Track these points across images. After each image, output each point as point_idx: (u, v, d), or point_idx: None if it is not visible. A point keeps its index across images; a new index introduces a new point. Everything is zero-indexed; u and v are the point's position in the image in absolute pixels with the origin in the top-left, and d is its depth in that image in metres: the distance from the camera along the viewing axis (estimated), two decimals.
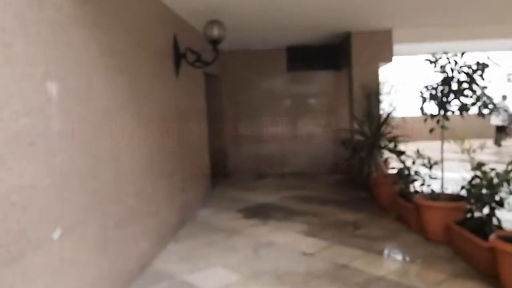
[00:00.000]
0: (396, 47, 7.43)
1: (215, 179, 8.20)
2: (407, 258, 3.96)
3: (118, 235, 3.32)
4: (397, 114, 6.75)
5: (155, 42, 4.54)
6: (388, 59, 7.41)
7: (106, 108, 3.23)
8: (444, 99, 3.86)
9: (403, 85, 7.10)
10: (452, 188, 4.48)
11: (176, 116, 5.23)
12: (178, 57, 5.26)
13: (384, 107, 6.85)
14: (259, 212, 5.80)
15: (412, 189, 4.90)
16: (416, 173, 4.77)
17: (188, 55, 5.30)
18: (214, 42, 5.14)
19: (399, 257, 4.07)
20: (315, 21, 6.49)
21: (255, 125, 9.16)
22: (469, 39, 6.66)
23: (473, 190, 3.66)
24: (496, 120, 12.22)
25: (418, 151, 4.71)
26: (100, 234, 3.04)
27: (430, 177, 4.58)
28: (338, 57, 8.87)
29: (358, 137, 6.49)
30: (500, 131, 12.55)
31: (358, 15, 6.26)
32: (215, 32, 5.07)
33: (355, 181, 7.48)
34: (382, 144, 5.83)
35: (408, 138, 5.75)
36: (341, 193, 6.83)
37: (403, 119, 6.01)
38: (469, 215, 3.86)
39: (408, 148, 5.65)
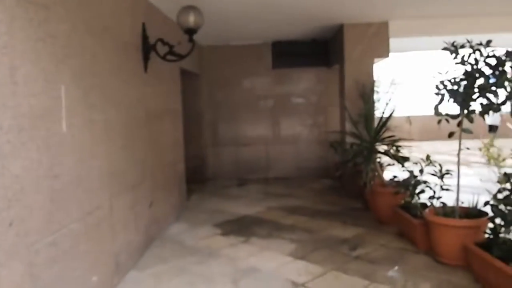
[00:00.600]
0: (393, 42, 6.78)
1: (191, 186, 7.45)
2: None
3: (52, 276, 2.54)
4: (399, 113, 6.06)
5: (117, 30, 3.77)
6: (384, 54, 6.75)
7: (40, 111, 2.45)
8: (468, 96, 3.17)
9: (403, 82, 6.44)
10: (467, 199, 3.83)
11: (145, 118, 4.46)
12: (147, 49, 4.48)
13: (381, 107, 6.18)
14: (239, 227, 5.05)
15: (417, 200, 4.21)
16: (425, 183, 4.08)
17: (159, 47, 4.53)
18: (190, 31, 4.38)
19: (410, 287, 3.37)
20: (304, 12, 5.79)
21: (236, 128, 8.42)
22: (476, 32, 6.05)
23: (500, 206, 2.99)
24: (490, 119, 11.79)
25: (428, 157, 4.03)
26: (25, 279, 2.26)
27: (442, 188, 3.90)
28: (328, 53, 8.19)
29: (352, 140, 5.81)
30: (492, 130, 12.20)
31: (351, 5, 5.58)
32: (191, 19, 4.31)
33: (347, 188, 6.81)
34: (382, 148, 5.14)
35: (412, 140, 5.07)
36: (332, 203, 6.13)
37: (408, 119, 5.30)
38: (491, 235, 3.20)
39: (412, 151, 4.99)
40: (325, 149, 8.26)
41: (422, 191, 4.15)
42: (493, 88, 3.03)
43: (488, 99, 3.12)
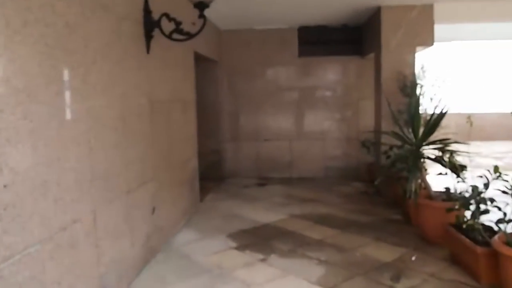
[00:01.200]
0: (438, 30, 5.88)
1: (207, 184, 6.75)
2: None
3: None
4: (454, 110, 5.18)
5: (112, 1, 3.05)
6: (428, 41, 5.87)
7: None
8: None
9: (453, 75, 5.53)
10: None
11: (147, 109, 3.76)
12: (150, 25, 3.75)
13: (426, 103, 5.32)
14: (257, 240, 4.31)
15: (478, 221, 3.37)
16: (492, 201, 3.23)
17: (164, 24, 3.79)
18: (201, 5, 3.66)
19: None
20: None
21: (257, 121, 7.65)
22: None
23: None
24: None
25: (496, 169, 3.17)
26: None
27: None
28: (362, 41, 7.32)
29: (391, 141, 4.98)
30: None
31: None
32: None
33: (382, 194, 5.98)
34: (430, 153, 4.29)
35: (471, 143, 4.19)
36: (365, 212, 5.31)
37: (468, 117, 4.42)
38: None
39: (472, 156, 4.12)
40: (356, 148, 7.43)
41: (486, 211, 3.29)
42: None
43: None
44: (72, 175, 2.47)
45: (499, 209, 3.18)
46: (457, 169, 3.84)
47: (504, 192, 3.11)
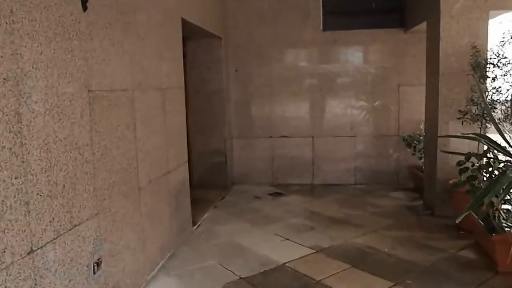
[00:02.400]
0: None
1: (207, 195, 5.33)
2: None
3: None
4: None
5: None
6: (506, 3, 4.22)
7: None
8: None
9: None
10: None
11: (81, 104, 2.28)
12: None
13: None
14: None
15: None
16: None
17: None
18: None
19: None
20: None
21: (272, 113, 6.12)
22: None
23: None
24: None
25: None
26: None
27: None
28: (404, 8, 5.69)
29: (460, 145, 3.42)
30: None
31: None
32: None
33: (439, 212, 4.43)
34: None
35: None
36: (420, 243, 3.76)
37: None
38: None
39: None
40: (395, 147, 5.85)
41: None
42: None
43: None
44: None
45: None
46: None
47: None
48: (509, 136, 2.96)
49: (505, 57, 3.80)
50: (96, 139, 2.41)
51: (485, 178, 3.43)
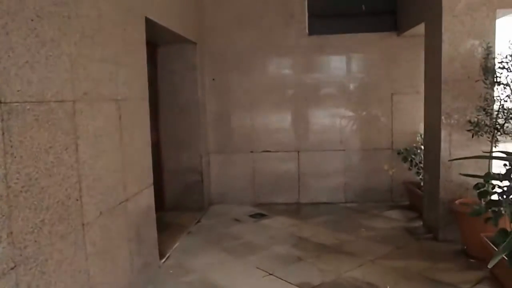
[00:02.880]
0: None
1: (180, 219, 4.75)
2: None
3: None
4: None
5: None
6: None
7: None
8: None
9: None
10: None
11: None
12: None
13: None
14: None
15: None
16: None
17: None
18: None
19: None
20: None
21: (254, 126, 5.55)
22: None
23: None
24: None
25: None
26: None
27: None
28: (395, 11, 5.23)
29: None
30: None
31: None
32: None
33: (438, 235, 3.90)
34: None
35: None
36: (429, 280, 3.20)
37: None
38: None
39: None
40: (388, 161, 5.33)
41: None
42: None
43: None
44: None
45: None
46: None
47: None
48: None
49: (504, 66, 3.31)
50: (13, 167, 1.79)
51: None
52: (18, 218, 1.82)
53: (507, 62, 3.31)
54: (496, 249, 2.81)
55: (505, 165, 2.74)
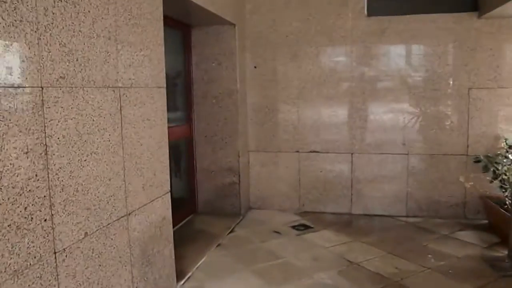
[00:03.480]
0: None
1: (210, 229, 4.11)
2: None
3: None
4: None
5: None
6: None
7: None
8: None
9: None
10: None
11: None
12: None
13: None
14: None
15: None
16: None
17: None
18: None
19: None
20: None
21: (300, 122, 4.81)
22: None
23: None
24: None
25: None
26: None
27: None
28: None
29: None
30: None
31: None
32: None
33: None
34: None
35: None
36: None
37: None
38: None
39: None
40: (462, 169, 4.41)
41: None
42: None
43: None
44: None
45: None
46: None
47: None
48: None
49: None
50: None
51: None
52: None
53: None
54: None
55: None
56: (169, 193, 2.88)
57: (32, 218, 1.64)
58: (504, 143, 4.07)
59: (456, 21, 4.37)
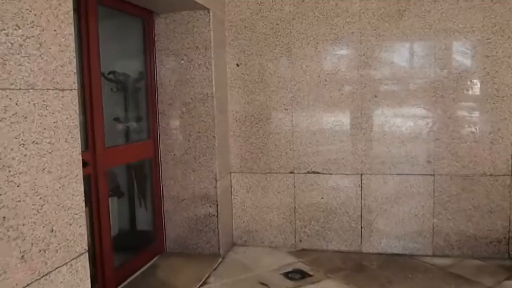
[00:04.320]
0: None
1: (176, 280, 3.05)
2: None
3: None
4: None
5: None
6: None
7: None
8: None
9: None
10: None
11: None
12: None
13: None
14: None
15: None
16: None
17: None
18: None
19: None
20: None
21: (296, 135, 3.78)
22: None
23: None
24: None
25: None
26: None
27: None
28: None
29: None
30: None
31: None
32: None
33: None
34: None
35: None
36: None
37: None
38: None
39: None
40: (505, 193, 3.38)
41: None
42: None
43: None
44: None
45: None
46: None
47: None
48: None
49: None
50: None
51: None
52: None
53: None
54: None
55: None
56: (86, 255, 1.84)
57: None
58: None
59: (494, 0, 3.35)
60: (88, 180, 2.71)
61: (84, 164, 2.58)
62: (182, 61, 3.50)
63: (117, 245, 3.45)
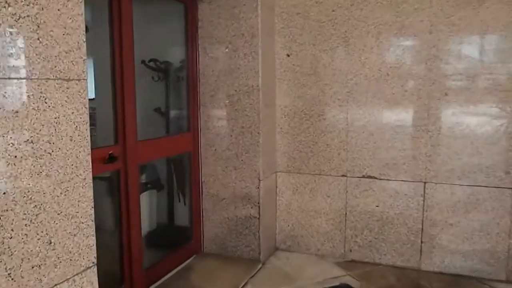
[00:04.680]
0: None
1: (212, 283, 2.79)
2: None
3: None
4: None
5: None
6: None
7: None
8: None
9: None
10: None
11: None
12: None
13: None
14: None
15: None
16: None
17: None
18: None
19: None
20: None
21: (350, 135, 3.39)
22: None
23: None
24: None
25: None
26: None
27: None
28: None
29: None
30: None
31: None
32: None
33: None
34: None
35: None
36: None
37: None
38: None
39: None
40: None
41: None
42: None
43: None
44: None
45: None
46: None
47: None
48: None
49: None
50: None
51: None
52: None
53: None
54: None
55: None
56: (94, 269, 1.62)
57: None
58: None
59: None
60: (117, 175, 2.52)
61: (113, 158, 2.40)
62: (227, 50, 3.22)
63: (153, 241, 3.29)
